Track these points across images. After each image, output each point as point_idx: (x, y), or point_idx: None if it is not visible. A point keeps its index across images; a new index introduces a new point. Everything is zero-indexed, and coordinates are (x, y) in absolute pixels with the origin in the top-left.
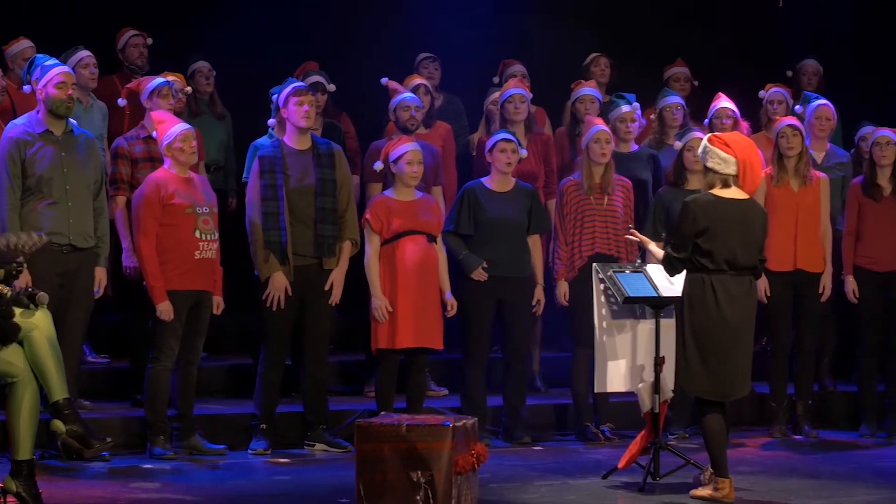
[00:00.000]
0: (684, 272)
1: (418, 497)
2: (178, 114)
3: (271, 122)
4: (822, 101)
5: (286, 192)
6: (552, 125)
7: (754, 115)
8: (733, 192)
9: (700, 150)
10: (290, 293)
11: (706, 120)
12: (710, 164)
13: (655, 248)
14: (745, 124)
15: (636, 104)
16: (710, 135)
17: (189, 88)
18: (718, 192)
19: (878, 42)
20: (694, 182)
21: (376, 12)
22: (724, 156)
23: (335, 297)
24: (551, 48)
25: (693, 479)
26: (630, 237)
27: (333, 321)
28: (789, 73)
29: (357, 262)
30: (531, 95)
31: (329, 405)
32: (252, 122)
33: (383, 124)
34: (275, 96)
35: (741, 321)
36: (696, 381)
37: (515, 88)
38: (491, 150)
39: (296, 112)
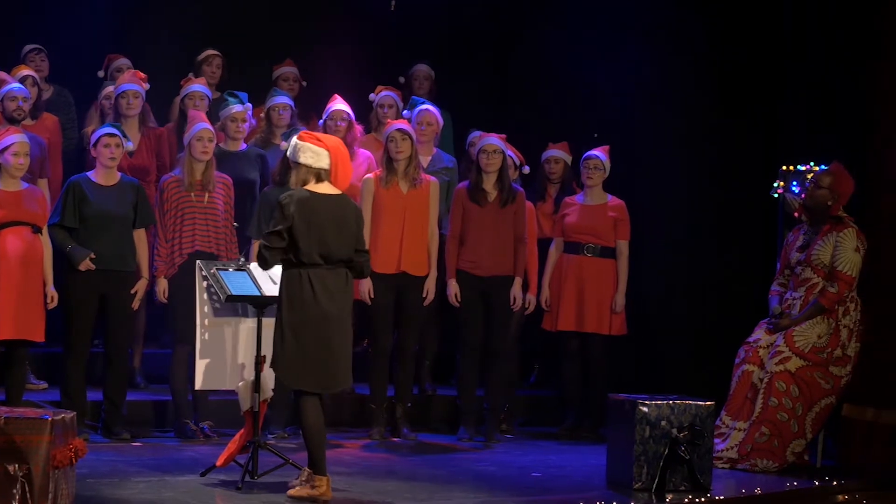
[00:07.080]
0: (280, 267)
1: (14, 491)
2: None
3: None
4: (426, 105)
5: None
6: (160, 121)
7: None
8: (326, 188)
9: (290, 149)
10: None
11: (321, 121)
12: (301, 160)
13: None
14: (359, 128)
15: (248, 104)
16: (300, 132)
17: None
18: (313, 187)
19: (495, 49)
20: None
21: None
22: (317, 149)
23: None
24: (161, 43)
25: (290, 484)
26: None
27: None
28: (402, 79)
29: None
30: (147, 88)
31: None
32: None
33: None
34: None
35: (339, 313)
36: (298, 375)
37: (129, 84)
38: (95, 145)
39: None
